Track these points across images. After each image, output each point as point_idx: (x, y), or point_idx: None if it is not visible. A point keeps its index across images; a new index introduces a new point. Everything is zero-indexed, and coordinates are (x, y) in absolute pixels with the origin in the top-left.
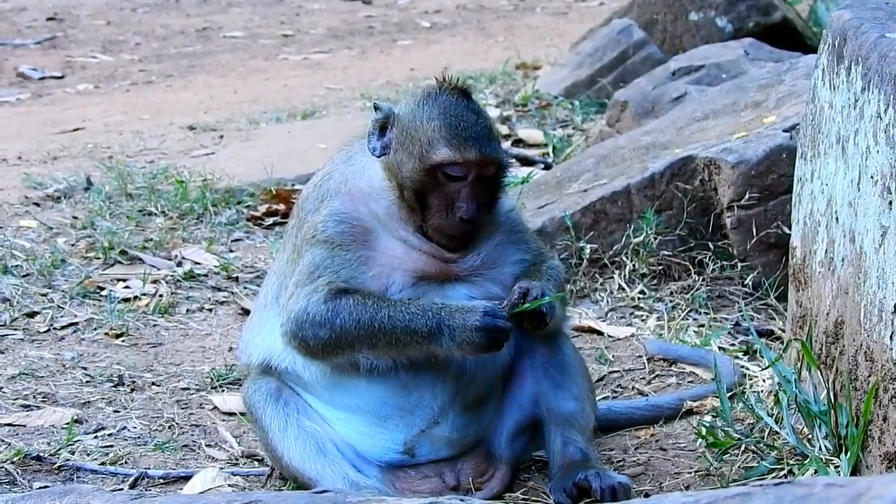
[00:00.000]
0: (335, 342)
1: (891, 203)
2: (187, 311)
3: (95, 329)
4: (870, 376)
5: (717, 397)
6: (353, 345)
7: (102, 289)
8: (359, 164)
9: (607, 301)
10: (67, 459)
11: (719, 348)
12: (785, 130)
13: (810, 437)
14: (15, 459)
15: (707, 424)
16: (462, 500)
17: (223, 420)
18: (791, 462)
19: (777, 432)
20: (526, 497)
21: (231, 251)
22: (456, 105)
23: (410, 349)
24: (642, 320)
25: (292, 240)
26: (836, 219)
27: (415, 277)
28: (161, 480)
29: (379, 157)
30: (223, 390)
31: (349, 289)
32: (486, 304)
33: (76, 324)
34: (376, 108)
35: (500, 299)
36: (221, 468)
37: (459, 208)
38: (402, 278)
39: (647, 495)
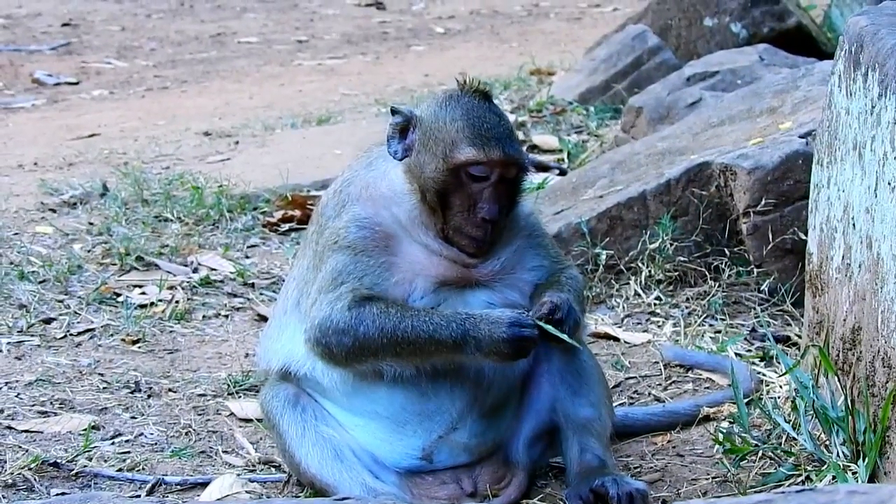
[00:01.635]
0: (359, 350)
1: None
2: (203, 317)
3: (112, 335)
4: (887, 382)
5: (734, 403)
6: (377, 353)
7: (119, 295)
8: (379, 168)
9: (623, 307)
10: (85, 466)
11: (736, 354)
12: (801, 136)
13: (828, 443)
14: (32, 466)
15: (724, 430)
16: None
17: (240, 426)
18: (809, 468)
19: (794, 438)
20: (543, 503)
21: (247, 257)
22: (478, 107)
23: (435, 357)
24: (658, 326)
25: (313, 246)
26: (853, 225)
27: (436, 283)
28: (178, 487)
29: (400, 160)
30: (240, 396)
31: (373, 296)
32: (511, 313)
33: (93, 330)
34: (395, 111)
35: (520, 306)
36: (239, 475)
37: (482, 209)
38: (423, 284)
39: (664, 502)
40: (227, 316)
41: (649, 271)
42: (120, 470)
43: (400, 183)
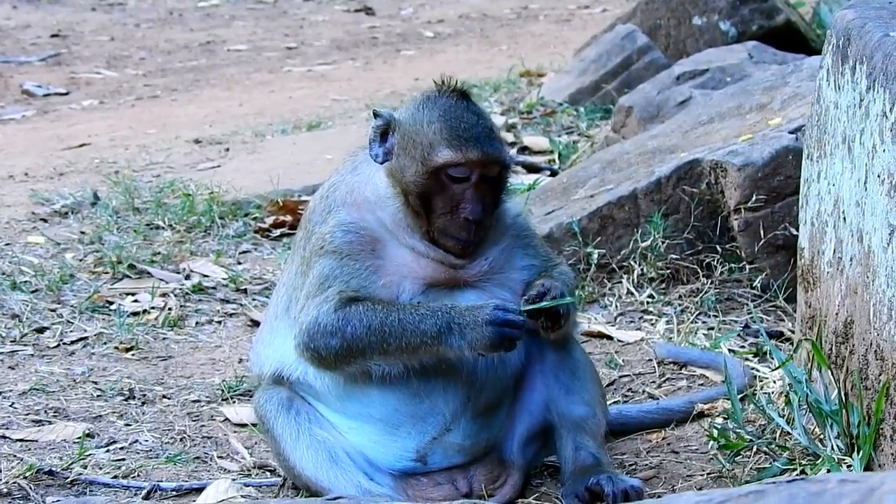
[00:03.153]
0: (347, 350)
1: None
2: (196, 323)
3: (105, 343)
4: (880, 375)
5: (728, 399)
6: (365, 352)
7: (111, 303)
8: (364, 173)
9: (616, 306)
10: (80, 474)
11: (729, 351)
12: (790, 132)
13: (822, 437)
14: (27, 474)
15: (718, 426)
16: None
17: (234, 431)
18: (803, 462)
19: (789, 433)
20: (539, 502)
21: (239, 263)
22: (456, 107)
23: (421, 352)
24: (651, 324)
25: (301, 251)
26: (844, 219)
27: (424, 285)
28: (173, 493)
29: (382, 163)
30: (234, 402)
31: (359, 297)
32: (495, 300)
33: (86, 338)
34: (376, 114)
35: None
36: (234, 479)
37: (464, 209)
38: (411, 286)
39: (659, 497)
40: (219, 322)
41: (641, 269)
42: (115, 477)
43: (384, 187)
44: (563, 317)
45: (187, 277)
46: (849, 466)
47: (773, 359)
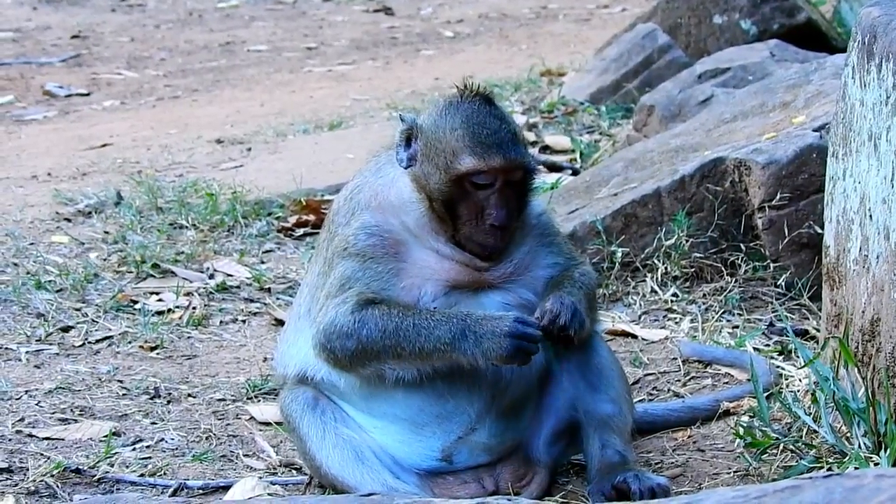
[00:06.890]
0: (361, 353)
1: None
2: (221, 322)
3: (130, 342)
4: None
5: (754, 397)
6: (380, 355)
7: (136, 302)
8: (388, 175)
9: (640, 304)
10: (107, 472)
11: (754, 349)
12: (815, 130)
13: (849, 435)
14: (55, 473)
15: (744, 425)
16: (509, 500)
17: (260, 430)
18: (830, 461)
19: (815, 431)
20: (565, 500)
21: (263, 262)
22: (478, 112)
23: (435, 357)
24: (676, 323)
25: (324, 253)
26: (870, 216)
27: (447, 287)
28: (200, 491)
29: (406, 168)
30: (259, 400)
31: (377, 299)
32: (517, 313)
33: (111, 337)
34: (401, 119)
35: (535, 305)
36: (260, 477)
37: (489, 216)
38: (434, 288)
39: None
40: (244, 321)
41: (665, 268)
42: (142, 475)
43: (408, 191)
44: (576, 335)
45: (211, 277)
46: (876, 464)
47: (797, 357)
